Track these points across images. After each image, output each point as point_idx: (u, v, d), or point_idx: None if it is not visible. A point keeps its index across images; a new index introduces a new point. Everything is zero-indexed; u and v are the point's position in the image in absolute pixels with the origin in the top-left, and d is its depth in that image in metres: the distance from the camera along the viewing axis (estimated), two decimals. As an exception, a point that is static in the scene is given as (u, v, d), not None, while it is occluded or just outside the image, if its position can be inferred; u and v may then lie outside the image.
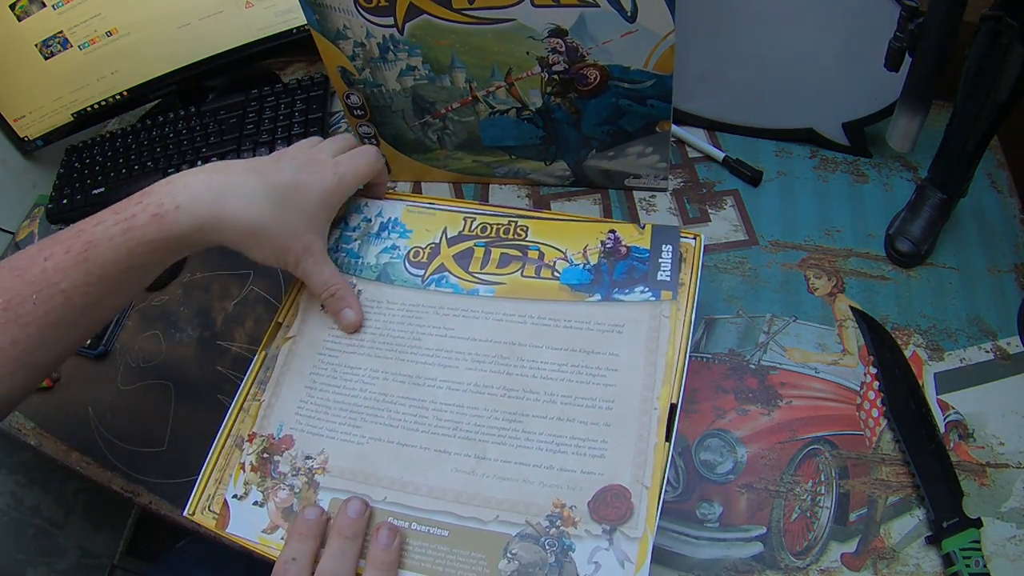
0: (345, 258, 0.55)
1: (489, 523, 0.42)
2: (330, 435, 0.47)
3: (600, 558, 0.40)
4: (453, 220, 0.54)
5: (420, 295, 0.51)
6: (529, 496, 0.42)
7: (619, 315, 0.47)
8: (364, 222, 0.56)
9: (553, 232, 0.53)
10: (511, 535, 0.42)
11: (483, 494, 0.43)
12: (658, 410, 0.44)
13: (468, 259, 0.52)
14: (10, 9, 0.82)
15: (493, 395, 0.46)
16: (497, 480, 0.43)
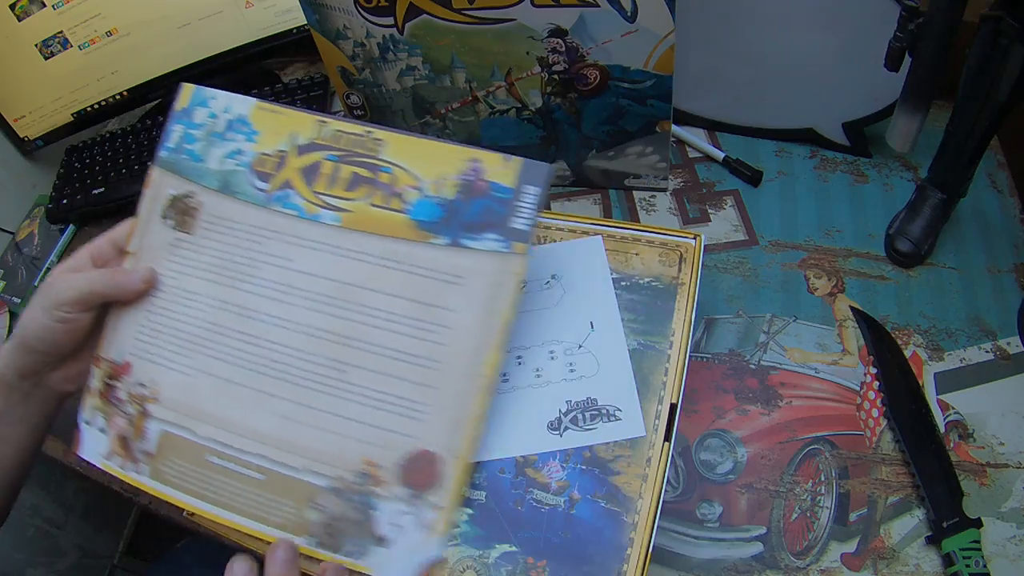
0: (187, 160, 0.49)
1: (301, 472, 0.42)
2: (162, 363, 0.46)
3: (402, 522, 0.40)
4: (304, 124, 0.48)
5: (262, 215, 0.47)
6: (342, 450, 0.42)
7: (462, 264, 0.43)
8: (210, 118, 0.49)
9: (410, 152, 0.46)
10: (320, 486, 0.42)
11: (299, 442, 0.42)
12: (484, 377, 0.42)
13: (315, 175, 0.47)
14: (10, 9, 0.82)
15: (322, 340, 0.44)
16: (314, 429, 0.42)
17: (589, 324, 0.51)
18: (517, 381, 0.49)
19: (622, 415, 0.48)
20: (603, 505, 0.46)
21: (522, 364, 0.50)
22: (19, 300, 0.83)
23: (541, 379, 0.49)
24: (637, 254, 0.55)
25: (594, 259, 0.54)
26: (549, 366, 0.49)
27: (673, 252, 0.55)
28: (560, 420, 0.48)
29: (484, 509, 0.47)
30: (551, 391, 0.49)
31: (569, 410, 0.48)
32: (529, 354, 0.50)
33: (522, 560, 0.45)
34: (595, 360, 0.50)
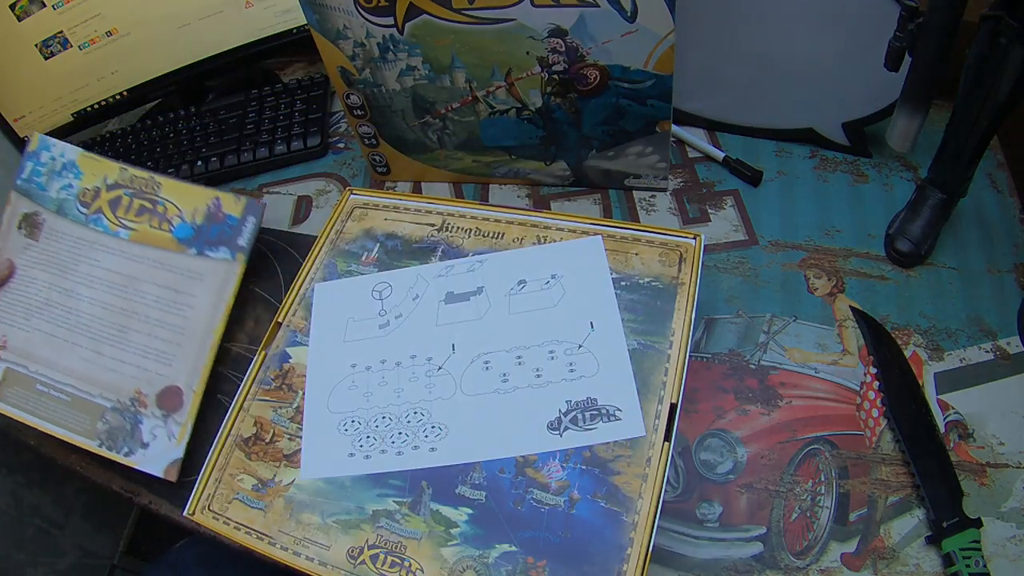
0: (35, 189, 0.68)
1: (95, 397, 0.61)
2: (10, 324, 0.65)
3: (157, 432, 0.59)
4: (112, 169, 0.68)
5: (83, 230, 0.67)
6: (121, 383, 0.61)
7: (203, 267, 0.64)
8: (51, 159, 0.69)
9: (177, 192, 0.67)
10: (106, 407, 0.61)
11: (94, 377, 0.62)
12: (213, 339, 0.62)
13: (117, 204, 0.67)
14: (10, 9, 0.82)
15: (112, 311, 0.63)
16: (104, 370, 0.62)
17: (589, 324, 0.52)
18: (517, 381, 0.51)
19: (622, 415, 0.49)
20: (603, 505, 0.46)
21: (522, 364, 0.51)
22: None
23: (541, 379, 0.50)
24: (637, 254, 0.55)
25: (594, 259, 0.55)
26: (549, 366, 0.51)
27: (673, 252, 0.55)
28: (560, 420, 0.49)
29: (484, 509, 0.47)
30: (551, 391, 0.50)
31: (569, 410, 0.49)
32: (529, 354, 0.52)
33: (522, 560, 0.45)
34: (595, 360, 0.50)
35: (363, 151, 0.76)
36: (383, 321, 0.56)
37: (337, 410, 0.53)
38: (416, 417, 0.51)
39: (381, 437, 0.51)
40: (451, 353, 0.53)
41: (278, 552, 0.48)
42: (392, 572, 0.46)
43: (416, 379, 0.52)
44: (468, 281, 0.56)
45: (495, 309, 0.54)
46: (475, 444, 0.49)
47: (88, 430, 0.60)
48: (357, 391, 0.53)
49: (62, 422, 0.61)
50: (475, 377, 0.51)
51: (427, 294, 0.56)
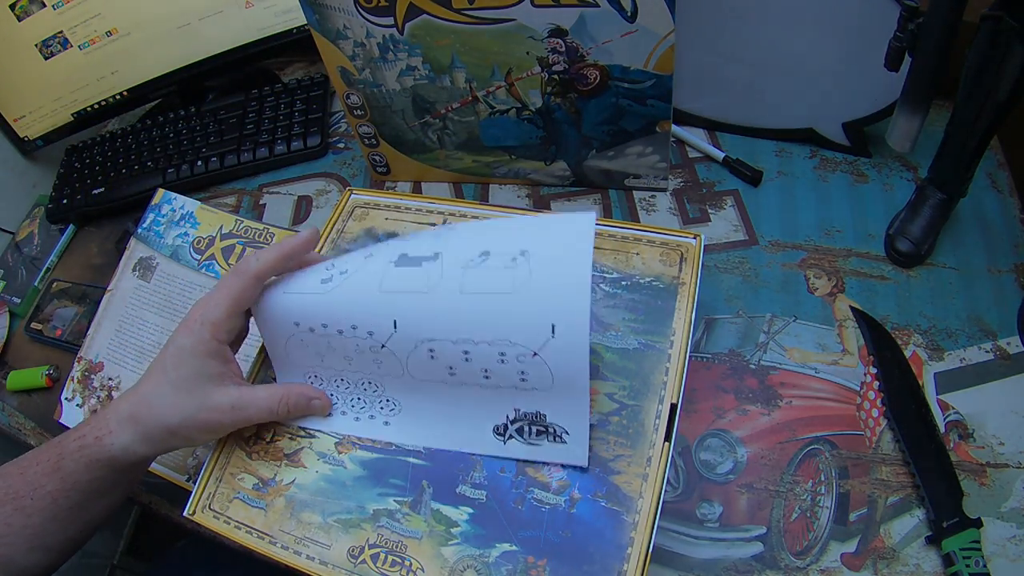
0: (153, 236, 0.73)
1: None
2: (123, 366, 0.67)
3: None
4: (228, 220, 0.71)
5: (194, 275, 0.70)
6: None
7: None
8: (171, 211, 0.73)
9: None
10: None
11: None
12: None
13: (231, 252, 0.69)
14: (10, 9, 0.82)
15: None
16: None
17: (550, 328, 0.42)
18: (465, 377, 0.45)
19: (568, 439, 0.46)
20: (603, 504, 0.46)
21: (469, 361, 0.45)
22: (19, 300, 0.83)
23: (490, 381, 0.45)
24: (638, 254, 0.55)
25: (577, 242, 0.43)
26: (498, 369, 0.44)
27: (674, 252, 0.55)
28: (506, 427, 0.46)
29: (484, 508, 0.47)
30: (499, 395, 0.45)
31: (516, 419, 0.46)
32: (477, 351, 0.44)
33: (522, 559, 0.45)
34: (550, 374, 0.43)
35: (363, 151, 0.76)
36: (327, 275, 0.48)
37: (299, 363, 0.50)
38: (371, 387, 0.49)
39: (341, 398, 0.50)
40: (392, 332, 0.45)
41: (279, 551, 0.48)
42: (393, 571, 0.46)
43: (362, 352, 0.47)
44: (427, 244, 0.46)
45: (446, 283, 0.44)
46: (425, 430, 0.48)
47: (179, 465, 0.62)
48: (309, 351, 0.49)
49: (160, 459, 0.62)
50: (421, 363, 0.46)
51: (381, 253, 0.47)
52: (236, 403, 0.46)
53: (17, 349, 0.80)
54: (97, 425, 0.46)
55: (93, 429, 0.46)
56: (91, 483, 0.46)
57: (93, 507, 0.48)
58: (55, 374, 0.74)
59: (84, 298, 0.79)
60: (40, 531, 0.46)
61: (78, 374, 0.69)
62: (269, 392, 0.48)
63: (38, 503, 0.46)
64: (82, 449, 0.46)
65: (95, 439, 0.46)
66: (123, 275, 0.73)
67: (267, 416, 0.48)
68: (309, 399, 0.49)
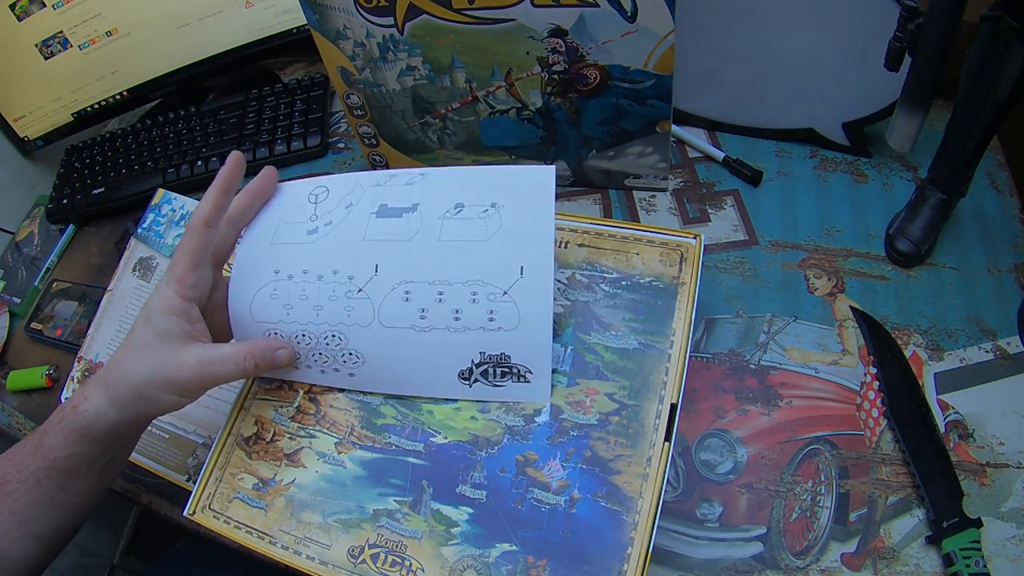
0: (153, 236, 0.73)
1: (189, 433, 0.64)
2: None
3: None
4: None
5: None
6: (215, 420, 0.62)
7: None
8: (171, 211, 0.74)
9: None
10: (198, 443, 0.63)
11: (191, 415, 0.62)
12: None
13: None
14: (10, 9, 0.82)
15: None
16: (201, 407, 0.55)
17: (519, 269, 0.48)
18: (435, 321, 0.48)
19: (532, 378, 0.48)
20: (603, 504, 0.46)
21: (443, 301, 0.48)
22: (19, 300, 0.83)
23: (459, 323, 0.48)
24: (638, 254, 0.55)
25: (540, 193, 0.49)
26: (469, 309, 0.48)
27: (674, 252, 0.55)
28: (472, 371, 0.49)
29: (484, 508, 0.47)
30: (467, 338, 0.48)
31: (482, 362, 0.48)
32: (451, 291, 0.48)
33: (522, 559, 0.45)
34: (517, 312, 0.48)
35: (363, 151, 0.76)
36: (312, 227, 0.51)
37: (260, 319, 0.50)
38: (334, 340, 0.49)
39: (304, 353, 0.50)
40: (373, 275, 0.49)
41: (279, 551, 0.48)
42: (393, 571, 0.46)
43: (335, 298, 0.49)
44: (405, 195, 0.51)
45: (425, 231, 0.49)
46: (390, 378, 0.50)
47: (180, 465, 0.63)
48: (278, 301, 0.50)
49: (159, 458, 0.63)
50: (394, 308, 0.48)
51: (361, 204, 0.51)
52: (201, 359, 0.46)
53: (17, 349, 0.80)
54: (75, 395, 0.47)
55: (72, 400, 0.47)
56: (70, 459, 0.47)
57: (73, 488, 0.48)
58: (55, 374, 0.74)
59: (84, 298, 0.79)
60: (27, 516, 0.47)
61: (78, 374, 0.70)
62: (234, 348, 0.47)
63: (23, 485, 0.46)
64: (62, 421, 0.46)
65: (72, 407, 0.47)
66: (123, 275, 0.73)
67: (234, 372, 0.47)
68: (274, 350, 0.49)
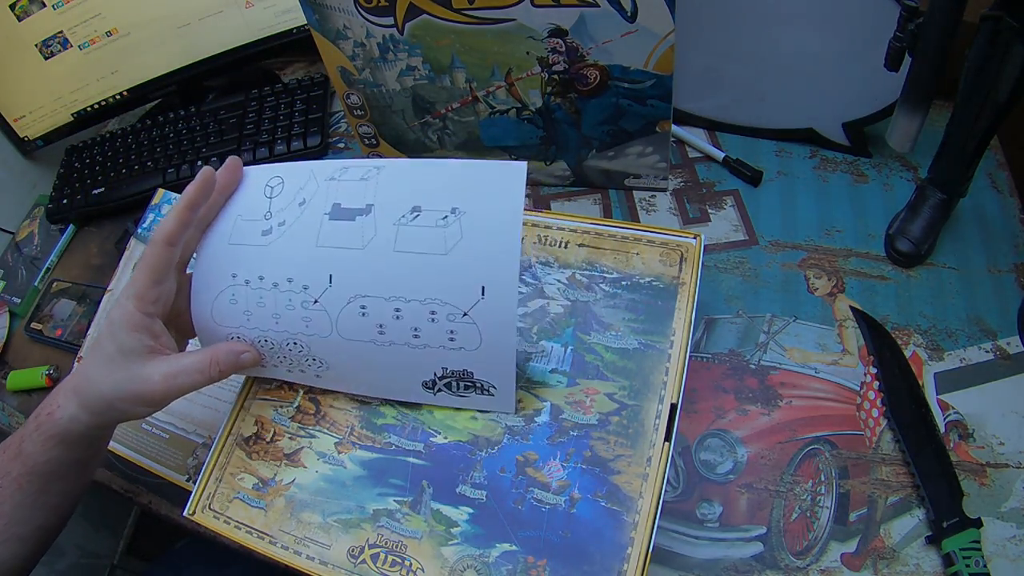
0: (146, 235, 0.73)
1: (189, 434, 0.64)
2: None
3: None
4: None
5: None
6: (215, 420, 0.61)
7: None
8: None
9: None
10: (198, 443, 0.63)
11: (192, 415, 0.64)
12: None
13: None
14: (10, 9, 0.82)
15: None
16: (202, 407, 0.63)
17: (480, 290, 0.44)
18: (394, 337, 0.47)
19: (496, 392, 0.48)
20: (603, 504, 0.46)
21: (400, 319, 0.46)
22: (19, 300, 0.83)
23: (419, 340, 0.46)
24: (638, 254, 0.55)
25: (506, 196, 0.44)
26: (428, 328, 0.46)
27: (674, 252, 0.55)
28: (435, 382, 0.49)
29: (484, 508, 0.47)
30: (428, 354, 0.47)
31: (444, 376, 0.48)
32: (409, 309, 0.46)
33: (522, 559, 0.45)
34: (479, 334, 0.45)
35: (363, 151, 0.76)
36: (266, 227, 0.48)
37: (222, 323, 0.50)
38: (296, 347, 0.49)
39: (267, 354, 0.50)
40: (328, 286, 0.46)
41: (279, 551, 0.48)
42: (393, 571, 0.46)
43: (292, 308, 0.47)
44: (359, 193, 0.47)
45: (379, 240, 0.46)
46: (355, 382, 0.51)
47: (180, 466, 0.63)
48: (237, 307, 0.49)
49: (159, 458, 0.63)
50: (351, 321, 0.47)
51: (314, 201, 0.48)
52: (166, 373, 0.46)
53: (17, 349, 0.80)
54: (48, 402, 0.48)
55: (45, 407, 0.48)
56: (48, 464, 0.48)
57: (54, 490, 0.49)
58: (55, 374, 0.74)
59: (84, 298, 0.79)
60: (11, 519, 0.48)
61: None
62: (198, 357, 0.47)
63: (6, 491, 0.47)
64: (39, 428, 0.47)
65: (47, 415, 0.47)
66: (123, 275, 0.73)
67: (201, 380, 0.47)
68: (238, 354, 0.49)
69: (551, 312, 0.54)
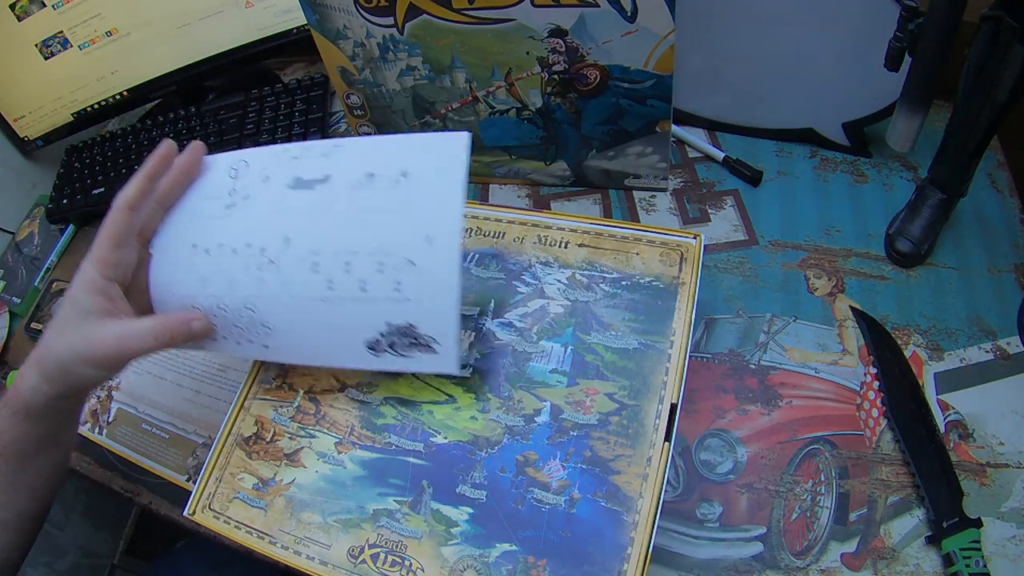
0: None
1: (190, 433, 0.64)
2: None
3: None
4: None
5: None
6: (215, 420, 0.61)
7: None
8: None
9: None
10: (198, 443, 0.63)
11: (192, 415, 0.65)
12: None
13: None
14: (10, 9, 0.82)
15: None
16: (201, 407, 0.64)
17: (426, 238, 0.47)
18: (342, 291, 0.48)
19: (439, 348, 0.48)
20: (603, 504, 0.46)
21: (349, 271, 0.48)
22: (19, 300, 0.83)
23: (366, 294, 0.48)
24: (638, 254, 0.55)
25: (452, 161, 0.47)
26: (376, 279, 0.47)
27: (674, 252, 0.55)
28: (379, 341, 0.49)
29: (484, 508, 0.47)
30: (373, 308, 0.48)
31: (388, 332, 0.48)
32: (358, 261, 0.48)
33: (522, 559, 0.45)
34: (422, 283, 0.47)
35: (363, 151, 0.76)
36: (230, 202, 0.51)
37: (179, 293, 0.52)
38: (247, 312, 0.50)
39: (220, 324, 0.51)
40: (283, 246, 0.49)
41: (279, 551, 0.48)
42: (393, 571, 0.46)
43: (248, 270, 0.49)
44: (319, 167, 0.50)
45: (336, 202, 0.49)
46: (301, 349, 0.51)
47: (180, 465, 0.63)
48: (194, 275, 0.51)
49: (159, 458, 0.64)
50: (302, 278, 0.49)
51: (277, 176, 0.51)
52: (119, 334, 0.47)
53: (17, 349, 0.80)
54: (15, 379, 0.49)
55: (13, 384, 0.49)
56: (17, 442, 0.49)
57: (29, 470, 0.50)
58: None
59: (84, 298, 0.79)
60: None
61: None
62: (151, 321, 0.49)
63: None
64: (6, 405, 0.48)
65: (13, 391, 0.49)
66: None
67: (153, 344, 0.48)
68: (188, 321, 0.49)
69: (551, 312, 0.54)
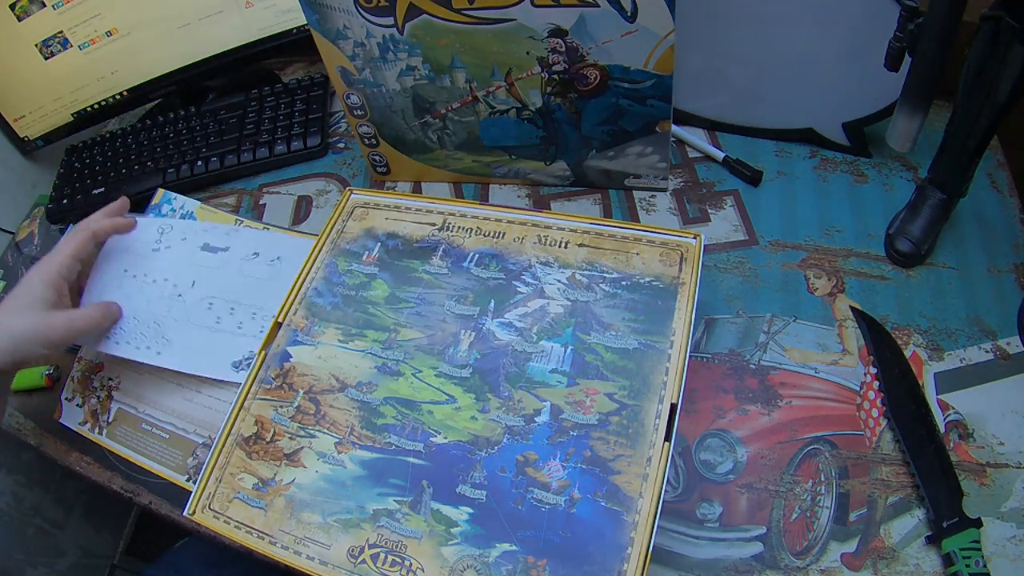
0: None
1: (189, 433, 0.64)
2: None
3: None
4: (227, 221, 0.75)
5: None
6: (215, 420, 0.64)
7: None
8: (171, 211, 0.77)
9: None
10: (198, 443, 0.63)
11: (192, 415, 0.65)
12: None
13: None
14: (10, 9, 0.82)
15: None
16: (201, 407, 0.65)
17: None
18: (225, 327, 0.65)
19: None
20: (603, 504, 0.46)
21: (233, 314, 0.65)
22: (19, 300, 0.83)
23: (242, 331, 0.64)
24: (638, 254, 0.55)
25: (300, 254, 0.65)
26: (249, 323, 0.65)
27: (674, 252, 0.55)
28: (242, 363, 0.63)
29: (484, 508, 0.47)
30: (244, 341, 0.64)
31: (247, 358, 0.63)
32: (240, 309, 0.65)
33: (522, 559, 0.45)
34: None
35: (363, 151, 0.76)
36: (156, 247, 0.67)
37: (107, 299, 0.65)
38: (154, 327, 0.64)
39: (129, 330, 0.63)
40: (190, 287, 0.66)
41: (279, 551, 0.48)
42: (393, 571, 0.46)
43: (162, 298, 0.65)
44: (222, 240, 0.69)
45: (230, 266, 0.67)
46: (187, 360, 0.63)
47: (179, 465, 0.63)
48: (121, 291, 0.65)
49: (158, 458, 0.64)
50: (200, 312, 0.65)
51: (192, 239, 0.68)
52: (69, 318, 0.59)
53: (17, 349, 0.80)
54: None
55: None
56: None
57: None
58: (55, 374, 0.74)
59: (84, 298, 0.79)
60: None
61: (78, 374, 0.69)
62: (96, 307, 0.62)
63: None
64: None
65: None
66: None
67: (95, 325, 0.61)
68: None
69: (551, 312, 0.54)
